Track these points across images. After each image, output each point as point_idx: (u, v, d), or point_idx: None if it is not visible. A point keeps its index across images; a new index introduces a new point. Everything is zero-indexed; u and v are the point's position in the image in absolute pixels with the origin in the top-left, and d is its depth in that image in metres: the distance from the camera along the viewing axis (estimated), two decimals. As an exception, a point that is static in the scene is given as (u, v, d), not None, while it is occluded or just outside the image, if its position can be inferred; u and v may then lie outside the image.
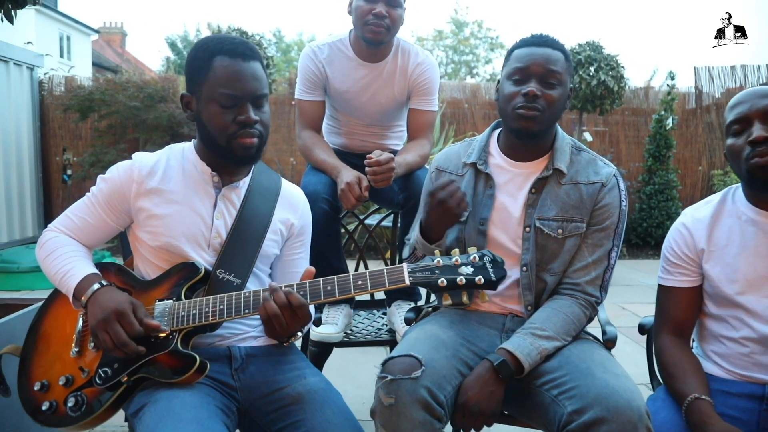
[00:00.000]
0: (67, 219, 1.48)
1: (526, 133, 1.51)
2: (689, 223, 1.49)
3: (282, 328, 1.27)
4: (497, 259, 1.26)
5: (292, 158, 7.22)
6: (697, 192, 7.56)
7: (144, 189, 1.42)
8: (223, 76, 1.34)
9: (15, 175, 6.18)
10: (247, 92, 1.36)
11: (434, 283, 1.23)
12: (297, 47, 26.68)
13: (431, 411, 1.25)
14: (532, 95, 1.46)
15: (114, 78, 7.17)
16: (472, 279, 1.22)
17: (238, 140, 1.37)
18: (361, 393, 2.62)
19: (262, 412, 1.36)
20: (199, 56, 1.38)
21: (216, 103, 1.35)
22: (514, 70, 1.50)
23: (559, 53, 1.51)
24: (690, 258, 1.47)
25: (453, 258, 1.25)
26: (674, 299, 1.49)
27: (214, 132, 1.38)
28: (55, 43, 16.28)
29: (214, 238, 1.43)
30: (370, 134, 2.35)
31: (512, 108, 1.49)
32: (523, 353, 1.35)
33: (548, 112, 1.49)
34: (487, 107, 7.55)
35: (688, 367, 1.40)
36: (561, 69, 1.50)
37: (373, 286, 1.27)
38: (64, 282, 1.37)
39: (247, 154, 1.39)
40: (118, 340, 1.24)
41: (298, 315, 1.27)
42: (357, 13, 2.07)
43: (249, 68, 1.36)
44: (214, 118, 1.36)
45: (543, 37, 1.54)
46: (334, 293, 1.28)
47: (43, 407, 1.31)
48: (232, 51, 1.36)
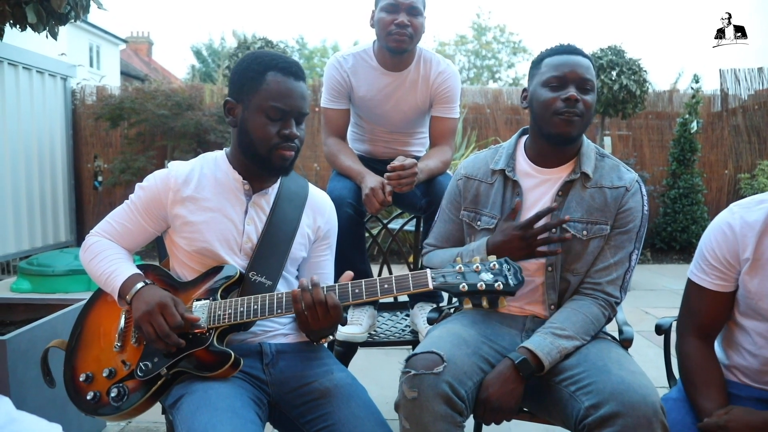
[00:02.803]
0: (108, 225, 1.57)
1: (565, 138, 1.54)
2: (737, 225, 1.36)
3: (314, 321, 1.35)
4: (515, 267, 1.33)
5: (315, 164, 7.31)
6: (723, 196, 7.45)
7: (180, 197, 1.50)
8: (275, 90, 1.42)
9: (49, 182, 6.35)
10: (294, 109, 1.44)
11: (456, 287, 1.30)
12: (320, 54, 26.86)
13: (452, 405, 1.30)
14: (574, 100, 1.50)
15: (143, 87, 7.32)
16: (491, 284, 1.28)
17: (279, 152, 1.44)
18: (385, 393, 2.67)
19: (292, 405, 1.43)
20: (252, 68, 1.45)
21: (264, 114, 1.43)
22: (551, 77, 1.54)
23: (588, 62, 1.57)
24: (730, 264, 1.38)
25: (474, 265, 1.32)
26: (706, 301, 1.43)
27: (256, 141, 1.45)
28: (86, 53, 16.69)
29: (245, 242, 1.51)
30: (394, 141, 2.41)
31: (552, 113, 1.53)
32: (543, 352, 1.40)
33: (586, 117, 1.54)
34: (509, 112, 7.52)
35: (711, 379, 1.38)
36: (592, 77, 1.56)
37: (398, 289, 1.34)
38: (110, 282, 1.46)
39: (283, 166, 1.48)
40: (161, 330, 1.33)
41: (331, 314, 1.34)
42: (380, 24, 2.14)
43: (299, 87, 1.45)
44: (260, 128, 1.44)
45: (571, 46, 1.59)
46: (361, 296, 1.35)
47: (88, 397, 1.40)
48: (286, 69, 1.44)
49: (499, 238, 1.52)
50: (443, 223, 1.75)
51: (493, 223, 1.62)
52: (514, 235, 1.50)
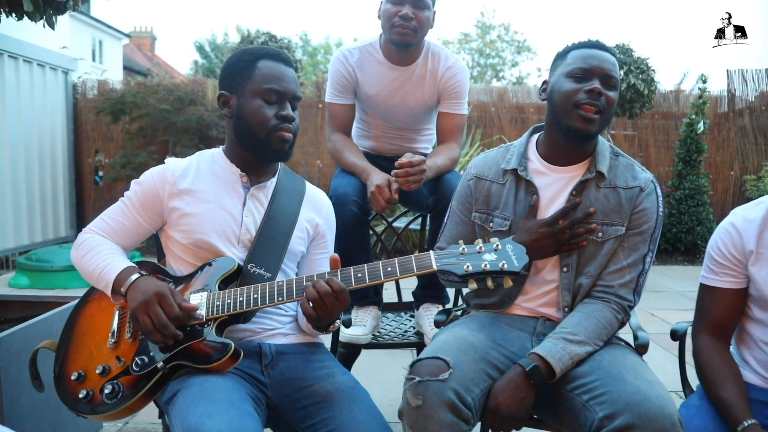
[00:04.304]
0: (101, 222, 1.53)
1: (583, 134, 1.49)
2: (739, 223, 1.44)
3: (323, 311, 1.31)
4: (519, 246, 1.30)
5: (318, 161, 7.26)
6: (729, 198, 7.39)
7: (177, 189, 1.48)
8: (268, 74, 1.46)
9: (49, 176, 6.31)
10: (289, 91, 1.47)
11: (460, 268, 1.27)
12: (324, 50, 26.83)
13: (458, 413, 1.26)
14: (597, 92, 1.46)
15: (145, 81, 7.27)
16: (495, 264, 1.26)
17: (278, 133, 1.46)
18: (388, 395, 2.62)
19: (292, 408, 1.38)
20: (243, 58, 1.49)
21: (260, 97, 1.45)
22: (576, 69, 1.50)
23: (615, 60, 1.53)
24: (737, 259, 1.43)
25: (477, 246, 1.30)
26: (717, 299, 1.46)
27: (255, 125, 1.45)
28: (88, 47, 16.63)
29: (243, 234, 1.48)
30: (400, 137, 2.36)
31: (573, 105, 1.48)
32: (555, 358, 1.35)
33: (606, 114, 1.50)
34: (514, 111, 7.49)
35: (727, 371, 1.38)
36: (617, 75, 1.51)
37: (402, 272, 1.31)
38: (103, 276, 1.41)
39: (282, 148, 1.47)
40: (158, 321, 1.28)
41: (339, 300, 1.30)
42: (384, 16, 2.09)
43: (290, 72, 1.50)
44: (257, 111, 1.45)
45: (600, 42, 1.55)
46: (364, 279, 1.31)
47: (80, 395, 1.35)
48: (275, 56, 1.49)
49: (526, 237, 1.50)
50: (454, 225, 1.69)
51: (506, 225, 1.57)
52: (543, 233, 1.49)
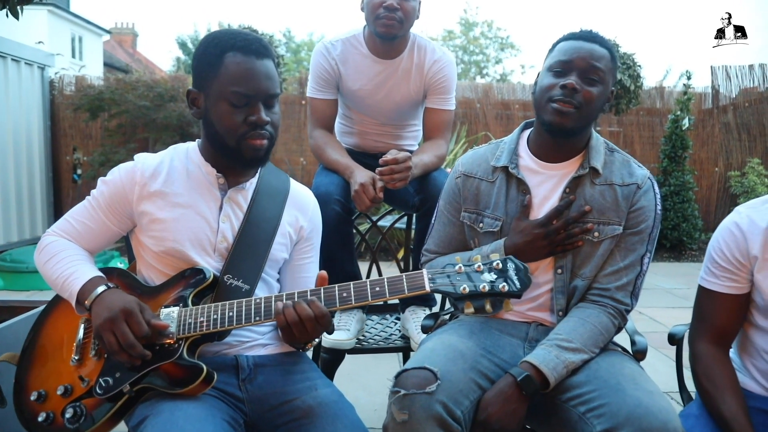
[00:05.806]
0: (66, 223, 1.42)
1: (559, 129, 1.42)
2: (744, 224, 1.34)
3: (302, 335, 1.22)
4: (521, 266, 1.18)
5: (302, 158, 7.16)
6: (714, 194, 7.43)
7: (147, 192, 1.36)
8: (235, 74, 1.28)
9: (25, 174, 6.15)
10: (260, 92, 1.30)
11: (456, 289, 1.16)
12: (307, 47, 26.63)
13: (447, 427, 1.18)
14: (571, 88, 1.39)
15: (124, 77, 7.12)
16: (495, 286, 1.14)
17: (248, 141, 1.31)
18: (374, 400, 2.55)
19: (271, 425, 1.29)
20: (209, 51, 1.32)
21: (226, 101, 1.29)
22: (557, 62, 1.43)
23: (605, 51, 1.44)
24: (740, 263, 1.34)
25: (475, 264, 1.18)
26: (718, 305, 1.38)
27: (222, 132, 1.32)
28: (67, 43, 16.33)
29: (220, 242, 1.37)
30: (384, 134, 2.28)
31: (547, 100, 1.42)
32: (548, 367, 1.27)
33: (585, 110, 1.41)
34: (499, 107, 7.46)
35: (727, 383, 1.31)
36: (604, 67, 1.43)
37: (391, 293, 1.20)
38: (67, 286, 1.31)
39: (256, 156, 1.34)
40: (125, 340, 1.18)
41: (320, 323, 1.21)
42: (368, 7, 2.00)
43: (262, 66, 1.31)
44: (224, 117, 1.30)
45: (591, 33, 1.47)
46: (350, 300, 1.21)
47: (39, 418, 1.25)
48: (245, 48, 1.30)
49: (519, 238, 1.42)
50: (442, 226, 1.61)
51: (497, 226, 1.49)
52: (537, 234, 1.41)
